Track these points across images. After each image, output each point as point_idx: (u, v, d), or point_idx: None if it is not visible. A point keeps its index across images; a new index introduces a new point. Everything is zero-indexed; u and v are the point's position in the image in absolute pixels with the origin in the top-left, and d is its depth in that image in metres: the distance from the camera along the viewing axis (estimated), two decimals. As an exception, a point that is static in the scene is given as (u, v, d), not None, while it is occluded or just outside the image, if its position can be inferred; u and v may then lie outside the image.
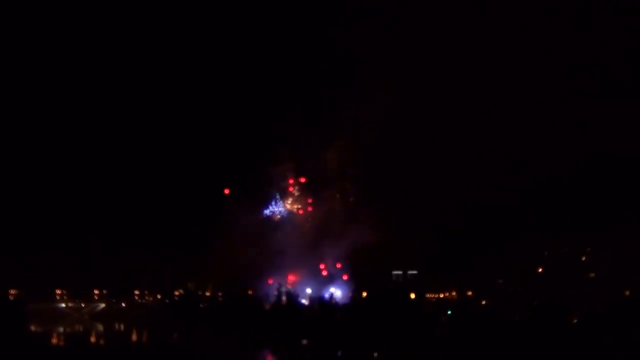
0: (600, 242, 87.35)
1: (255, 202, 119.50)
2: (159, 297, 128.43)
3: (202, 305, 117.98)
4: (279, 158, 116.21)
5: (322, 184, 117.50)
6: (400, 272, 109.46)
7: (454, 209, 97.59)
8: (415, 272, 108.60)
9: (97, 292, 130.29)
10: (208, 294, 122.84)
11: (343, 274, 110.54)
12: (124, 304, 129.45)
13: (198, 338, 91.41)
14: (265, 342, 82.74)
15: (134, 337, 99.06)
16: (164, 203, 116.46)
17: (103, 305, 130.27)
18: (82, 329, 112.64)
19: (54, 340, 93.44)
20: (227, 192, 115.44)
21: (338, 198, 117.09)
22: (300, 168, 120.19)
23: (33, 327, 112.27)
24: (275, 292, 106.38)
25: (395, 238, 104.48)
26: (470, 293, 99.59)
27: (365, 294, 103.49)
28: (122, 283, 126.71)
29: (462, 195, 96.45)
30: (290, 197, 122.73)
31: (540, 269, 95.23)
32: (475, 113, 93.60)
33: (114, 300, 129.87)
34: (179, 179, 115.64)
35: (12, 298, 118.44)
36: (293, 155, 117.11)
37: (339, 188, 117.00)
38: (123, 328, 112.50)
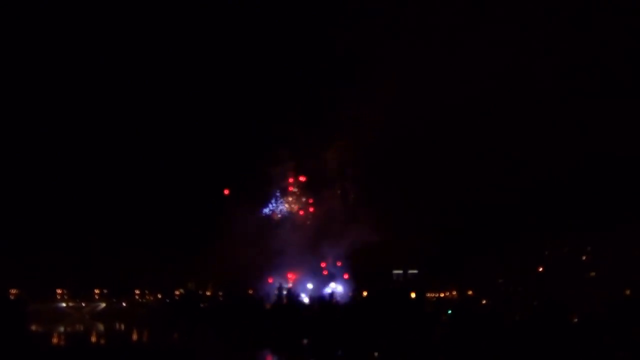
0: (600, 242, 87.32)
1: (255, 202, 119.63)
2: (160, 296, 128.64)
3: (202, 305, 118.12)
4: (279, 158, 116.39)
5: (322, 184, 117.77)
6: (401, 271, 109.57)
7: (454, 209, 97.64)
8: (416, 271, 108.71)
9: (97, 291, 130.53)
10: (208, 294, 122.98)
11: (344, 273, 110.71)
12: (125, 304, 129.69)
13: (198, 338, 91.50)
14: (266, 342, 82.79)
15: (135, 336, 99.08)
16: (164, 203, 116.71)
17: (103, 305, 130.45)
18: (82, 329, 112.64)
19: (55, 340, 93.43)
20: (227, 192, 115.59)
21: (338, 198, 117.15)
22: (300, 168, 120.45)
23: (34, 326, 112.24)
24: (276, 291, 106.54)
25: (396, 238, 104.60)
26: (471, 293, 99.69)
27: (366, 294, 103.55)
28: (122, 283, 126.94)
29: (462, 195, 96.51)
30: (291, 197, 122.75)
31: (540, 269, 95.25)
32: (475, 113, 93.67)
33: (115, 300, 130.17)
34: (179, 179, 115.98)
35: (12, 298, 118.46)
36: (293, 155, 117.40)
37: (339, 188, 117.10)
38: (124, 328, 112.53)
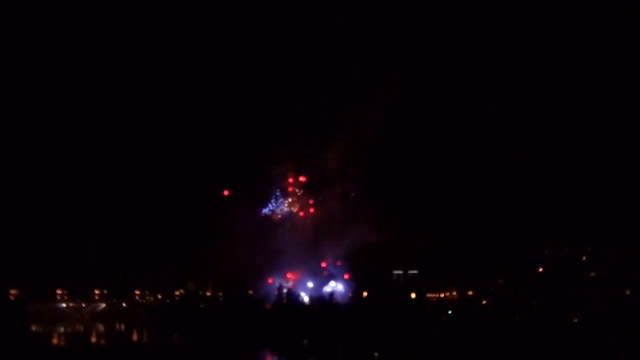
0: (600, 242, 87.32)
1: (255, 202, 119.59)
2: (160, 297, 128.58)
3: (202, 305, 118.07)
4: (279, 158, 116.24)
5: (322, 184, 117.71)
6: (401, 271, 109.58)
7: (454, 209, 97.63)
8: (416, 271, 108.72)
9: (97, 292, 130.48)
10: (208, 294, 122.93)
11: (344, 273, 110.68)
12: (125, 304, 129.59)
13: (198, 338, 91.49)
14: (266, 342, 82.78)
15: (135, 337, 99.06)
16: (164, 203, 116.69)
17: (104, 305, 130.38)
18: (82, 329, 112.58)
19: (55, 341, 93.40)
20: (227, 192, 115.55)
21: (338, 198, 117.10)
22: (300, 168, 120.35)
23: (34, 327, 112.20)
24: (276, 291, 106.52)
25: (396, 238, 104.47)
26: (471, 293, 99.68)
27: (366, 294, 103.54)
28: (122, 283, 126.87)
29: (462, 195, 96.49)
30: (290, 197, 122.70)
31: (540, 269, 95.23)
32: (475, 113, 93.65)
33: (115, 300, 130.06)
34: (179, 179, 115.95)
35: (12, 298, 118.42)
36: (293, 155, 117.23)
37: (339, 188, 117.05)
38: (124, 328, 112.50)
